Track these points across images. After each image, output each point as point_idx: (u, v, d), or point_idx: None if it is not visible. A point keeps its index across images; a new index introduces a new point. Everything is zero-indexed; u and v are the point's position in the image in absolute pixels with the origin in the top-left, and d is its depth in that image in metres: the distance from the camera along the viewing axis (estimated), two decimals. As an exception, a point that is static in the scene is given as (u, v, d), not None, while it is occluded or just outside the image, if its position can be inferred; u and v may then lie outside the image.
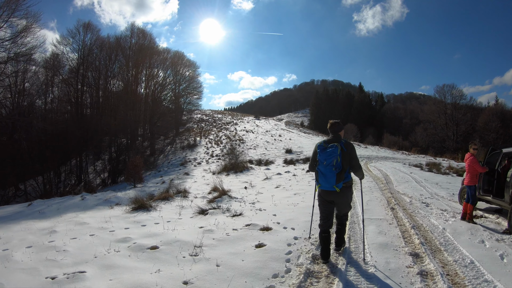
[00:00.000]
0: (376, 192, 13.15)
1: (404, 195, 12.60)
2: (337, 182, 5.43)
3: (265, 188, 15.70)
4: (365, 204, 9.48)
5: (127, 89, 52.17)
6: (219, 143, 47.84)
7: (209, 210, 9.96)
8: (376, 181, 16.56)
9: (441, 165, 26.19)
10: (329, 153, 5.44)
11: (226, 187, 15.33)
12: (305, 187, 14.80)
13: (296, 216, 8.83)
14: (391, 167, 24.11)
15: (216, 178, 21.13)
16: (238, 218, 8.90)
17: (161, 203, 12.23)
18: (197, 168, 31.21)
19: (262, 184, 17.69)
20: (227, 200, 11.90)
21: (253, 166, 27.00)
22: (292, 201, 11.13)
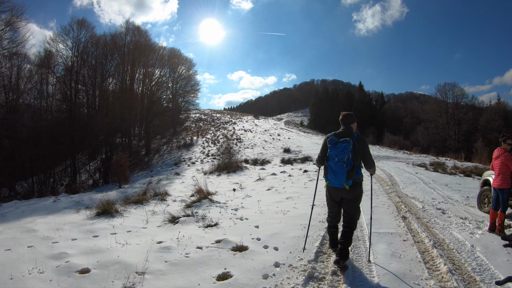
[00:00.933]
0: (382, 196, 11.44)
1: (414, 199, 10.91)
2: (347, 180, 5.02)
3: (255, 191, 13.92)
4: (369, 210, 7.68)
5: (122, 87, 50.43)
6: (216, 142, 46.19)
7: (181, 218, 8.34)
8: (380, 183, 14.84)
9: (446, 165, 24.48)
10: (341, 149, 5.05)
11: (213, 188, 14.05)
12: (300, 189, 12.99)
13: (283, 229, 7.07)
14: (394, 167, 22.48)
15: (206, 178, 19.62)
16: (211, 230, 7.21)
17: (131, 208, 10.60)
18: (190, 168, 29.50)
19: (254, 185, 15.93)
20: (206, 205, 10.22)
21: (247, 166, 25.35)
22: (282, 208, 9.36)
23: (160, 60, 53.69)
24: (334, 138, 5.25)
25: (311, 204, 6.97)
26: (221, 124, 67.04)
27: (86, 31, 46.98)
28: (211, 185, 16.03)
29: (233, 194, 12.98)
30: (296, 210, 8.91)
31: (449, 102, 66.73)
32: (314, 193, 7.00)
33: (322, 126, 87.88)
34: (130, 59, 50.45)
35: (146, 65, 52.07)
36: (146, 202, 11.55)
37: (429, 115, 69.18)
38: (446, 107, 66.11)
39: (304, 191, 12.27)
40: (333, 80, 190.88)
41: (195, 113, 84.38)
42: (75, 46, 45.80)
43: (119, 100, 48.67)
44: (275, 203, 10.12)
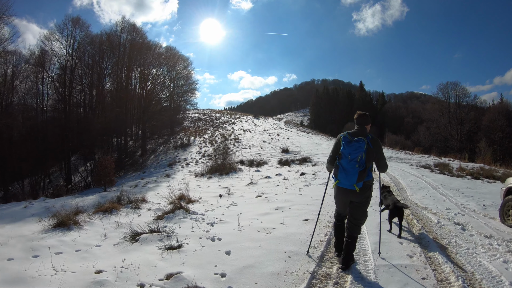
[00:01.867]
0: None
1: (426, 210, 9.30)
2: (358, 181, 4.75)
3: (244, 197, 12.29)
4: (377, 229, 6.06)
5: (118, 87, 49.03)
6: (213, 142, 44.59)
7: (143, 235, 6.94)
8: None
9: (451, 166, 23.02)
10: (356, 147, 4.80)
11: (199, 194, 12.73)
12: (293, 197, 11.30)
13: (260, 259, 5.37)
14: (398, 168, 20.95)
15: (196, 181, 18.60)
16: (170, 255, 5.74)
17: (97, 218, 9.23)
18: (183, 170, 27.94)
19: (243, 190, 14.30)
20: (180, 217, 8.63)
21: (242, 168, 23.88)
22: (267, 223, 7.69)
23: (157, 59, 52.23)
24: (348, 136, 5.00)
25: (304, 219, 6.66)
26: (220, 124, 65.37)
27: (81, 29, 46.02)
28: (199, 189, 14.75)
29: (217, 202, 11.35)
30: (283, 227, 7.24)
31: (451, 102, 65.51)
32: (320, 206, 6.37)
33: (322, 126, 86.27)
34: (126, 57, 49.02)
35: (142, 64, 50.59)
36: (116, 211, 10.15)
37: (430, 115, 67.76)
38: (448, 107, 64.76)
39: (297, 200, 10.62)
40: (334, 80, 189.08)
41: (194, 112, 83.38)
42: (69, 45, 44.72)
43: (115, 100, 47.55)
44: (260, 216, 8.48)
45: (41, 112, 45.08)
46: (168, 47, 58.03)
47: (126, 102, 47.98)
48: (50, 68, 44.99)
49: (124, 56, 49.09)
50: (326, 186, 6.35)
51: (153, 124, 51.32)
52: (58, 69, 45.26)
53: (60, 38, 44.01)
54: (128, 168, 39.03)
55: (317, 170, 19.29)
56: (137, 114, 50.57)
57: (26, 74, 42.87)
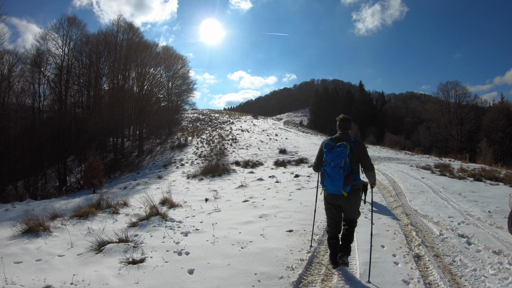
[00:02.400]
0: (385, 215, 8.87)
1: (427, 218, 8.39)
2: (344, 186, 4.75)
3: (230, 202, 11.44)
4: (368, 245, 5.42)
5: (114, 87, 48.20)
6: (211, 142, 43.67)
7: (108, 245, 6.16)
8: (382, 192, 12.34)
9: (452, 167, 22.08)
10: (337, 154, 4.78)
11: (185, 197, 12.33)
12: (282, 202, 10.40)
13: (223, 282, 4.50)
14: (397, 170, 20.10)
15: (186, 183, 17.99)
16: (128, 271, 5.02)
17: (70, 224, 8.43)
18: (177, 171, 26.98)
19: (232, 194, 13.39)
20: (154, 225, 7.83)
21: (236, 169, 23.07)
22: (246, 235, 6.80)
23: (154, 58, 51.23)
24: (331, 143, 5.00)
25: (287, 230, 6.45)
26: (219, 124, 64.79)
27: (77, 29, 45.11)
28: (186, 193, 14.14)
29: (200, 207, 10.44)
30: (262, 240, 6.35)
31: (451, 102, 64.52)
32: (313, 214, 6.46)
33: (322, 126, 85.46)
34: (123, 57, 48.10)
35: (139, 64, 49.67)
36: (92, 216, 9.28)
37: (431, 115, 66.74)
38: (448, 106, 63.70)
39: (286, 206, 9.74)
40: (334, 80, 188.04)
41: (193, 113, 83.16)
42: (65, 44, 43.84)
43: (111, 100, 46.83)
44: (241, 225, 7.58)
45: (38, 112, 44.39)
46: (165, 47, 57.34)
47: (122, 102, 47.23)
48: (47, 68, 44.20)
49: (120, 56, 48.16)
50: (317, 192, 6.20)
51: (151, 124, 50.53)
52: (54, 69, 44.51)
53: (56, 37, 43.27)
54: (123, 169, 38.23)
55: (312, 172, 18.37)
56: (134, 115, 49.59)
57: (23, 74, 42.02)
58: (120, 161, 42.60)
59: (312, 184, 14.07)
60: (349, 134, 5.13)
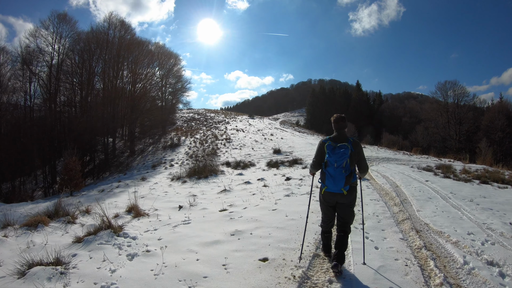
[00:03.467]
0: (390, 231, 7.09)
1: (442, 236, 6.73)
2: (345, 185, 4.84)
3: (205, 211, 9.76)
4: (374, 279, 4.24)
5: (106, 85, 46.66)
6: (204, 142, 41.96)
7: (34, 269, 4.91)
8: (384, 199, 10.60)
9: (454, 168, 20.57)
10: (340, 154, 4.86)
11: (159, 203, 11.17)
12: (264, 213, 8.67)
13: None
14: (398, 171, 18.38)
15: (168, 186, 16.66)
16: None
17: (14, 235, 7.11)
18: (165, 172, 25.24)
19: (211, 201, 11.70)
20: (100, 242, 6.39)
21: (225, 170, 21.44)
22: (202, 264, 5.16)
23: (146, 56, 49.63)
24: (332, 143, 5.02)
25: (261, 258, 5.31)
26: (214, 124, 63.05)
27: (68, 26, 43.65)
28: (164, 197, 13.00)
29: (169, 217, 8.86)
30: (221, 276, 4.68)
31: (449, 101, 63.78)
32: (304, 229, 6.04)
33: (318, 126, 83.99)
34: (114, 55, 46.50)
35: (131, 61, 48.06)
36: (42, 225, 7.81)
37: (429, 114, 65.68)
38: (447, 106, 62.75)
39: (267, 219, 8.02)
40: (331, 80, 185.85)
41: (189, 112, 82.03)
42: (56, 42, 42.41)
43: (102, 99, 45.32)
44: (203, 248, 5.92)
45: (29, 111, 42.77)
46: (158, 44, 56.12)
47: (114, 101, 45.63)
48: (37, 66, 42.73)
49: (112, 53, 46.50)
50: (309, 202, 6.19)
51: (144, 124, 49.04)
52: (44, 67, 43.01)
53: (46, 35, 41.90)
54: (113, 170, 36.81)
55: (305, 174, 16.69)
56: (126, 114, 47.95)
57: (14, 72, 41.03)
58: (111, 162, 41.22)
59: (304, 189, 12.38)
60: (346, 133, 5.18)
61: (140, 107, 47.14)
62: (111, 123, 44.24)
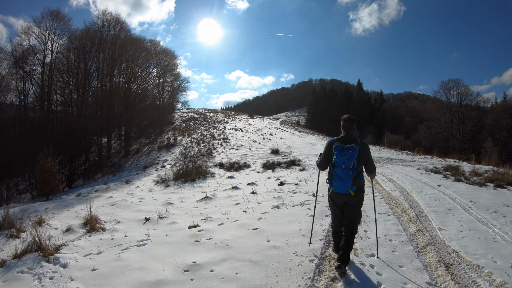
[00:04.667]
0: (411, 269, 5.06)
1: (481, 274, 4.84)
2: (352, 186, 4.84)
3: (173, 226, 7.95)
4: None
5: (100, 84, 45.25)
6: (200, 142, 40.27)
7: None
8: (395, 212, 8.63)
9: (462, 170, 18.79)
10: (348, 156, 4.84)
11: (127, 213, 9.87)
12: (241, 235, 6.66)
13: None
14: (405, 174, 16.57)
15: (149, 191, 14.94)
16: None
17: None
18: (153, 174, 23.24)
19: (185, 212, 9.79)
20: (19, 270, 4.98)
21: (216, 172, 19.67)
22: None
23: (141, 53, 47.81)
24: (340, 144, 4.99)
25: None
26: (212, 123, 61.57)
27: (61, 23, 42.05)
28: (137, 205, 11.45)
29: (125, 235, 7.09)
30: None
31: (452, 100, 62.25)
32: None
33: (319, 125, 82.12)
34: (109, 53, 44.81)
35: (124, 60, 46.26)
36: None
37: (431, 114, 64.15)
38: (450, 105, 61.31)
39: (243, 244, 6.06)
40: (332, 80, 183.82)
41: (188, 112, 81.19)
42: (48, 40, 40.91)
43: (97, 98, 43.84)
44: None
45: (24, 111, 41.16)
46: (153, 41, 54.07)
47: (108, 100, 43.99)
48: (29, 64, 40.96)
49: (106, 51, 44.79)
50: (314, 217, 6.44)
51: (140, 124, 47.28)
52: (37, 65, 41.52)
53: (38, 32, 40.38)
54: (107, 170, 35.20)
55: (302, 178, 14.79)
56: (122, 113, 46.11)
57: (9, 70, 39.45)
58: (105, 162, 39.60)
59: (298, 198, 10.41)
60: (354, 134, 5.12)
61: (135, 106, 45.36)
62: (105, 122, 42.64)
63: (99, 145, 42.10)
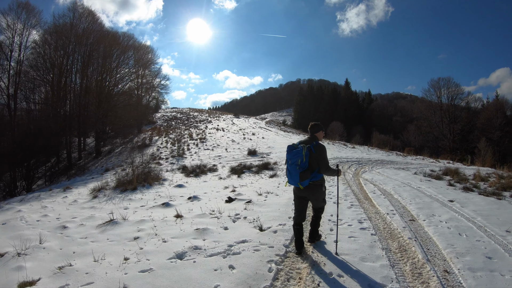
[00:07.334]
0: None
1: None
2: (300, 180, 5.21)
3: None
4: None
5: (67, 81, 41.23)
6: (176, 142, 36.69)
7: None
8: (402, 271, 4.62)
9: (464, 173, 15.44)
10: (294, 154, 5.28)
11: None
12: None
13: None
14: (401, 182, 12.93)
15: (68, 204, 11.67)
16: None
17: None
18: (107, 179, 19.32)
19: (62, 245, 6.20)
20: None
21: (169, 179, 16.19)
22: None
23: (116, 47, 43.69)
24: (295, 145, 5.42)
25: None
26: (194, 123, 58.07)
27: (31, 16, 37.82)
28: (30, 226, 8.62)
29: None
30: None
31: (443, 99, 60.38)
32: None
33: (306, 125, 78.00)
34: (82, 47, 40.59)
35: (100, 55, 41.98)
36: None
37: (421, 113, 61.81)
38: (440, 104, 59.20)
39: None
40: (320, 80, 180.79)
41: (172, 111, 78.30)
42: (17, 34, 36.88)
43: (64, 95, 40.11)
44: None
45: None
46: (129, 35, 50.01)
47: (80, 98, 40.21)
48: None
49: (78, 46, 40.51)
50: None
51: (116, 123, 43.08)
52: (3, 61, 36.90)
53: (6, 25, 36.17)
54: (74, 173, 31.37)
55: (266, 190, 11.05)
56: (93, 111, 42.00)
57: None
58: (73, 164, 35.83)
59: (231, 235, 6.16)
60: (317, 137, 5.65)
61: (109, 104, 41.22)
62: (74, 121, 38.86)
63: (67, 144, 38.07)
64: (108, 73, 43.43)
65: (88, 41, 40.49)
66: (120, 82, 46.39)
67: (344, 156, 24.32)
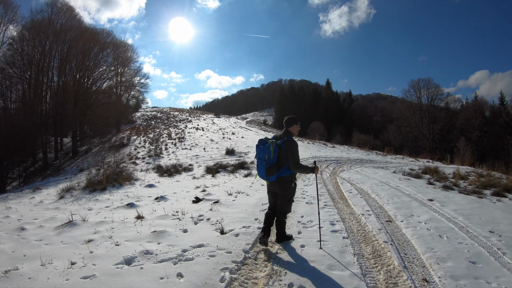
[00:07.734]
0: None
1: None
2: (267, 175, 5.25)
3: None
4: None
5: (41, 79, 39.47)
6: (154, 142, 35.85)
7: None
8: (373, 280, 4.08)
9: (443, 172, 15.52)
10: (262, 149, 5.32)
11: None
12: None
13: None
14: (379, 180, 12.53)
15: (33, 205, 11.32)
16: None
17: None
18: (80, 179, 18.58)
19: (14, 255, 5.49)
20: None
21: (142, 178, 15.74)
22: None
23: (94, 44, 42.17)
24: (265, 139, 5.43)
25: None
26: (174, 122, 57.06)
27: (10, 11, 37.70)
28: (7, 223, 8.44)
29: None
30: None
31: (422, 99, 61.05)
32: None
33: (286, 125, 78.84)
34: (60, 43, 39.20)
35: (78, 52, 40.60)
36: None
37: (401, 113, 62.58)
38: (420, 104, 59.88)
39: None
40: (301, 80, 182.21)
41: (152, 111, 77.10)
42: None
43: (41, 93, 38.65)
44: None
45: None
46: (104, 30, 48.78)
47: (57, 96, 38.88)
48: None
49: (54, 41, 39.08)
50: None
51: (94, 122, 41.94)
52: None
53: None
54: (49, 174, 30.36)
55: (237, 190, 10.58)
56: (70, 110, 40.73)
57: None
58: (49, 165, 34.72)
59: (189, 238, 5.72)
60: (290, 132, 5.45)
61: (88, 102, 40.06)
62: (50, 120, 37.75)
63: (43, 144, 36.90)
64: (86, 71, 42.18)
65: (67, 38, 39.15)
66: (98, 80, 45.11)
67: (323, 155, 23.97)
